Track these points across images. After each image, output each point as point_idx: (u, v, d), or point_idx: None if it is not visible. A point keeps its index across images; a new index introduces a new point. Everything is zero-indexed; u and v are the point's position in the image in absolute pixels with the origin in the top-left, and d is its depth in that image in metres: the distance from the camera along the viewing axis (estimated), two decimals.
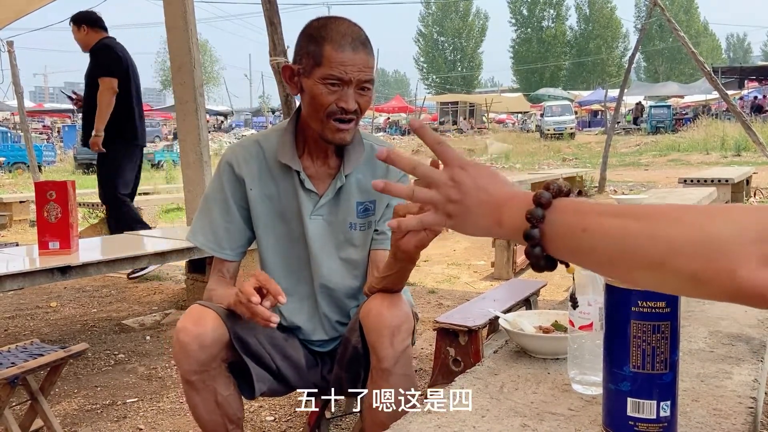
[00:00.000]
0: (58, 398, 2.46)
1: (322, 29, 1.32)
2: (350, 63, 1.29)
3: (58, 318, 3.69)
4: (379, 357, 1.30)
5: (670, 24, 7.96)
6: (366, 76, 1.32)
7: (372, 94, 1.37)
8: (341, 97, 1.31)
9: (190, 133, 4.08)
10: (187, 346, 1.30)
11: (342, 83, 1.30)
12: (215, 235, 1.46)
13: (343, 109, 1.32)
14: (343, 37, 1.30)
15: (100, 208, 7.14)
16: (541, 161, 18.35)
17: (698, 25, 57.81)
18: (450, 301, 3.88)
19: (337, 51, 1.29)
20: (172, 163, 17.64)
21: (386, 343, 1.29)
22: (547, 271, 0.67)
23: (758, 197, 8.37)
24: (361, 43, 1.31)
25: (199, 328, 1.30)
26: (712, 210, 0.54)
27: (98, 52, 4.20)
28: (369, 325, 1.32)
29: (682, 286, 0.55)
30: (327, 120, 1.34)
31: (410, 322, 1.34)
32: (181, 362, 1.33)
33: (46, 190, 2.74)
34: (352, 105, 1.32)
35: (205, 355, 1.31)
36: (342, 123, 1.34)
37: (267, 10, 3.38)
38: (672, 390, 0.84)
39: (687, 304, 1.54)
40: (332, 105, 1.32)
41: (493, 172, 0.72)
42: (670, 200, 4.55)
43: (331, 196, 1.45)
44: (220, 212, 1.46)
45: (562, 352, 1.16)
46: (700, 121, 23.42)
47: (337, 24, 1.32)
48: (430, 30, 62.17)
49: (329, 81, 1.30)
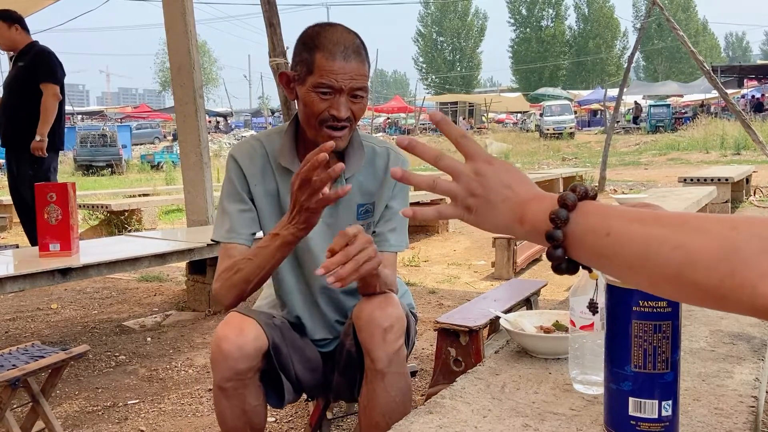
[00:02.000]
0: (60, 400, 2.46)
1: (315, 37, 1.32)
2: (341, 71, 1.29)
3: (58, 320, 3.69)
4: (373, 358, 1.31)
5: (669, 23, 7.96)
6: (357, 84, 1.32)
7: (366, 101, 1.37)
8: (333, 104, 1.31)
9: (190, 135, 4.09)
10: (229, 355, 1.30)
11: (333, 91, 1.31)
12: (230, 223, 1.44)
13: (334, 117, 1.32)
14: (334, 45, 1.30)
15: (101, 209, 7.15)
16: (540, 161, 18.36)
17: (697, 24, 57.84)
18: (450, 301, 3.88)
19: (327, 59, 1.29)
20: (171, 164, 17.66)
21: (378, 343, 1.30)
22: (568, 274, 0.67)
23: (758, 196, 8.37)
24: (352, 51, 1.31)
25: (241, 338, 1.30)
26: (737, 222, 0.53)
27: (40, 57, 4.10)
28: (361, 326, 1.33)
29: (701, 298, 0.54)
30: (320, 127, 1.34)
31: (402, 322, 1.34)
32: (218, 369, 1.32)
33: (47, 192, 2.74)
34: (344, 113, 1.32)
35: (244, 365, 1.31)
36: (334, 130, 1.34)
37: (266, 11, 3.38)
38: (673, 389, 0.84)
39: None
40: (324, 113, 1.32)
41: (518, 171, 0.71)
42: (670, 199, 4.55)
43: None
44: (231, 202, 1.45)
45: (563, 352, 1.16)
46: (700, 120, 23.44)
47: (330, 32, 1.32)
48: (429, 30, 62.20)
49: (320, 89, 1.31)
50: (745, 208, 7.62)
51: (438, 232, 6.70)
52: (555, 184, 8.93)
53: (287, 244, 1.28)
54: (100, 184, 14.64)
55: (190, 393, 2.51)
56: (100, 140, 21.28)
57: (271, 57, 3.40)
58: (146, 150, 25.55)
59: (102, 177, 18.29)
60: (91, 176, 18.62)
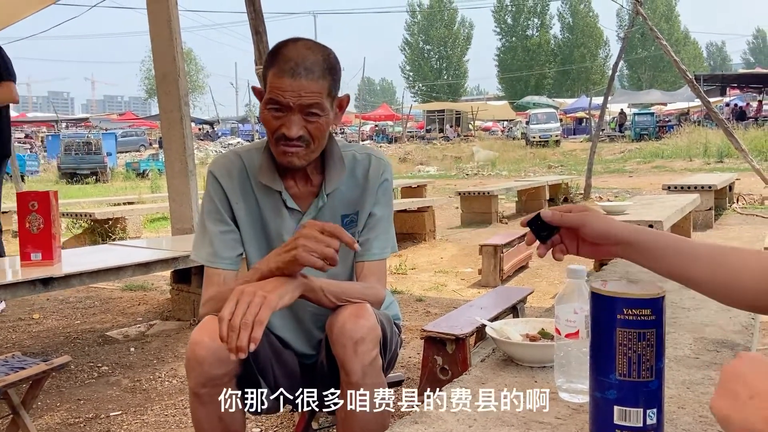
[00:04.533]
0: (41, 412, 2.42)
1: (275, 53, 1.32)
2: (288, 89, 1.28)
3: (40, 330, 3.64)
4: (347, 371, 1.29)
5: (652, 32, 8.06)
6: (307, 101, 1.30)
7: (323, 120, 1.34)
8: (284, 122, 1.31)
9: (176, 143, 4.06)
10: (203, 361, 1.28)
11: (283, 108, 1.30)
12: (213, 246, 1.43)
13: (284, 135, 1.31)
14: (286, 62, 1.29)
15: (84, 218, 7.08)
16: (527, 168, 18.47)
17: (679, 33, 58.60)
18: (437, 308, 3.87)
19: (276, 76, 1.29)
20: (157, 172, 17.54)
21: (351, 356, 1.28)
22: None
23: (741, 203, 8.47)
24: (304, 69, 1.29)
25: (216, 343, 1.26)
26: None
27: None
28: (333, 338, 1.31)
29: None
30: (276, 144, 1.34)
31: (375, 332, 1.32)
32: (193, 375, 1.31)
33: (28, 200, 2.70)
34: (294, 132, 1.30)
35: (219, 371, 1.29)
36: (288, 147, 1.33)
37: (253, 19, 3.39)
38: (658, 397, 0.84)
39: (672, 311, 1.54)
40: (278, 131, 1.32)
41: None
42: (655, 206, 4.59)
43: (314, 214, 1.44)
44: (213, 222, 1.44)
45: (549, 360, 1.16)
46: (683, 128, 23.71)
47: (289, 48, 1.32)
48: (416, 39, 62.48)
49: (270, 106, 1.31)
50: (728, 215, 7.71)
51: (425, 239, 6.71)
52: (541, 191, 8.98)
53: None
54: (84, 192, 14.51)
55: (173, 404, 2.48)
56: (84, 148, 21.10)
57: (257, 65, 3.40)
58: (132, 158, 25.36)
59: (86, 185, 18.13)
60: (76, 184, 18.45)
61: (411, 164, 21.66)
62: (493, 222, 7.83)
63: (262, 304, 1.14)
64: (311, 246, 1.19)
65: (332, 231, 1.21)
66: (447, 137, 32.54)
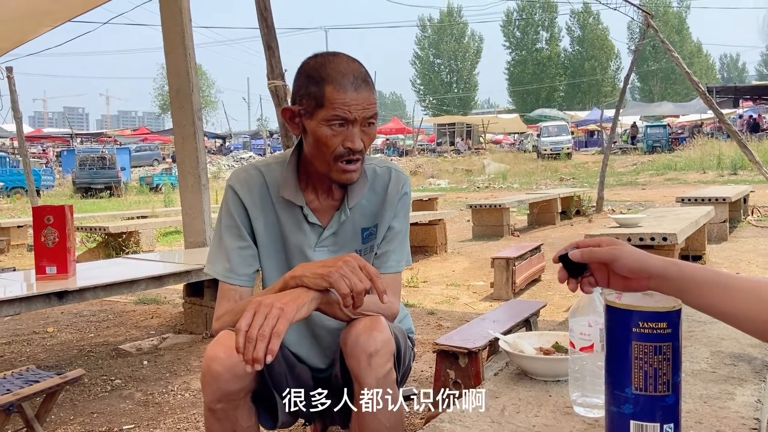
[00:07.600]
0: (54, 425, 2.43)
1: (321, 69, 1.30)
2: (353, 102, 1.27)
3: (54, 343, 3.66)
4: (361, 384, 1.28)
5: (663, 45, 8.05)
6: (370, 113, 1.31)
7: (376, 127, 1.35)
8: (347, 137, 1.29)
9: (189, 157, 4.10)
10: (219, 376, 1.27)
11: (347, 123, 1.29)
12: (229, 262, 1.42)
13: (350, 150, 1.30)
14: (343, 76, 1.28)
15: (98, 232, 7.14)
16: (538, 181, 18.41)
17: (691, 45, 58.45)
18: (449, 322, 3.85)
19: (338, 91, 1.27)
20: (170, 186, 17.68)
21: (365, 369, 1.27)
22: None
23: (756, 215, 8.38)
24: (362, 81, 1.29)
25: (232, 358, 1.25)
26: None
27: None
28: (347, 352, 1.30)
29: None
30: (334, 162, 1.32)
31: (390, 345, 1.31)
32: (208, 390, 1.30)
33: (44, 214, 2.73)
34: (359, 144, 1.30)
35: (235, 386, 1.29)
36: (349, 164, 1.32)
37: (265, 34, 3.41)
38: (675, 412, 0.83)
39: (687, 325, 1.53)
40: (339, 147, 1.30)
41: None
42: (669, 219, 4.55)
43: (335, 228, 1.44)
44: (231, 237, 1.43)
45: (563, 374, 1.15)
46: (696, 140, 23.57)
47: (336, 62, 1.30)
48: (426, 52, 62.76)
49: (334, 122, 1.28)
50: (743, 227, 7.63)
51: (437, 252, 6.69)
52: (553, 204, 8.94)
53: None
54: (98, 207, 14.64)
55: (186, 417, 2.48)
56: (98, 162, 21.35)
57: (269, 79, 3.42)
58: (145, 172, 25.61)
59: (101, 199, 18.31)
60: (90, 198, 18.64)
61: (422, 177, 21.67)
62: (504, 235, 7.80)
63: (279, 316, 1.14)
64: (347, 273, 1.19)
65: (370, 273, 1.21)
66: (458, 150, 32.57)
